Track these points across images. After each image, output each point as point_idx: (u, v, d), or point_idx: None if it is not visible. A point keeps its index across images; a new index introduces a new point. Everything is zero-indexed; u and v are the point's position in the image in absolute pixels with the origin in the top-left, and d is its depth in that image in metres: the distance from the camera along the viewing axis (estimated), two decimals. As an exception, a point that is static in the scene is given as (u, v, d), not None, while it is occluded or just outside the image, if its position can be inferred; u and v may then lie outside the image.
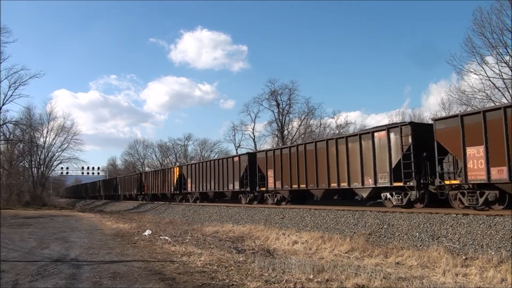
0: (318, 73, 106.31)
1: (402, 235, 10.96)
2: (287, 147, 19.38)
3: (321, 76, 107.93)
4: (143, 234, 14.86)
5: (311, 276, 7.08)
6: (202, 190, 26.50)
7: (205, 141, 68.81)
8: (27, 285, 6.79)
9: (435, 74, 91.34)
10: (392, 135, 13.46)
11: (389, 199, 13.90)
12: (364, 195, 14.76)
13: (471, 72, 26.77)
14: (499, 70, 25.32)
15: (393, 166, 13.25)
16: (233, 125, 55.16)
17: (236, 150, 53.30)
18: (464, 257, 8.60)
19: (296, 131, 48.38)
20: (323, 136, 41.43)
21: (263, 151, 21.39)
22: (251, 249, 11.24)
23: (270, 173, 19.59)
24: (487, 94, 26.02)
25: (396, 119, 44.98)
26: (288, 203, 18.73)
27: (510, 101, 24.28)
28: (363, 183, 14.33)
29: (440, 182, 12.16)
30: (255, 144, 51.35)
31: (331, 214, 14.18)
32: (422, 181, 12.75)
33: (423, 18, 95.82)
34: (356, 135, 15.12)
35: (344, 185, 15.16)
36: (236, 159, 23.08)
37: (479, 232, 9.42)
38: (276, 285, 6.61)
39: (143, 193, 37.93)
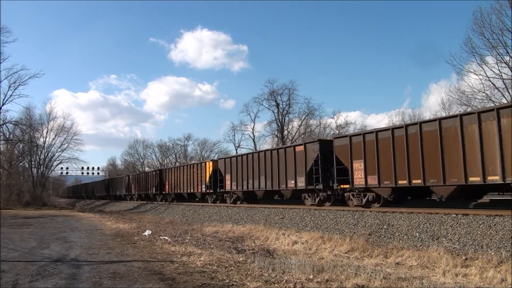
0: (318, 73, 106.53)
1: (402, 235, 10.96)
2: (388, 129, 14.00)
3: (321, 76, 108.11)
4: (143, 234, 14.86)
5: (311, 276, 7.09)
6: (247, 188, 21.62)
7: (205, 141, 68.93)
8: (27, 285, 6.79)
9: (435, 74, 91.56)
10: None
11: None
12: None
13: (471, 72, 26.80)
14: (499, 70, 25.37)
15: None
16: (232, 125, 55.23)
17: (236, 150, 53.35)
18: (464, 257, 8.60)
19: (296, 131, 48.42)
20: (323, 136, 41.45)
21: (345, 136, 15.96)
22: (251, 249, 11.24)
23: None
24: (487, 94, 26.07)
25: (396, 119, 45.09)
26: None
27: (510, 101, 24.29)
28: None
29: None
30: (254, 144, 51.43)
31: (331, 214, 14.18)
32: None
33: (423, 18, 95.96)
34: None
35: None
36: (300, 148, 18.11)
37: (479, 232, 9.42)
38: (276, 285, 6.61)
39: (163, 192, 32.95)
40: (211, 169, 25.44)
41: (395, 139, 13.09)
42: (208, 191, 26.86)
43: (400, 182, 12.89)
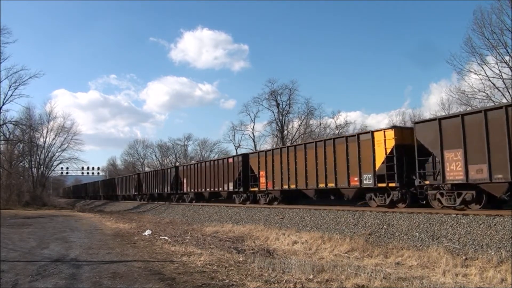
0: (318, 73, 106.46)
1: (402, 235, 10.96)
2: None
3: (321, 76, 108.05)
4: (143, 234, 14.86)
5: (311, 276, 7.08)
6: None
7: (205, 141, 68.82)
8: (27, 285, 6.78)
9: (435, 73, 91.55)
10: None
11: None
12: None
13: (471, 72, 26.76)
14: (499, 70, 25.33)
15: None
16: (232, 125, 55.14)
17: (236, 150, 53.30)
18: (464, 257, 8.60)
19: (296, 131, 48.39)
20: (323, 136, 41.47)
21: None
22: (251, 249, 11.24)
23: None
24: (487, 94, 26.03)
25: (396, 119, 45.02)
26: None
27: (510, 101, 24.29)
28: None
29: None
30: (254, 144, 51.37)
31: (331, 214, 14.18)
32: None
33: (423, 18, 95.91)
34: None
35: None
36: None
37: (479, 232, 9.42)
38: (276, 285, 6.61)
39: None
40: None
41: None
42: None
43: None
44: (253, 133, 51.78)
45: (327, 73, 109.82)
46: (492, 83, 25.70)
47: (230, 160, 23.56)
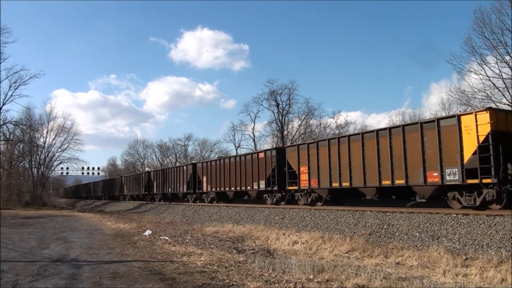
0: (318, 73, 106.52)
1: (402, 235, 10.96)
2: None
3: (321, 76, 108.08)
4: (143, 234, 14.85)
5: (311, 276, 7.08)
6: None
7: (205, 141, 68.81)
8: (27, 285, 6.79)
9: (435, 73, 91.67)
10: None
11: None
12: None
13: (471, 72, 26.73)
14: (499, 70, 25.30)
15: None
16: (232, 125, 55.11)
17: (236, 150, 53.29)
18: (464, 257, 8.60)
19: (296, 131, 48.39)
20: (323, 136, 41.46)
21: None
22: (251, 249, 11.24)
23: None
24: (487, 94, 26.02)
25: (397, 119, 44.99)
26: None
27: (510, 101, 24.30)
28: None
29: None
30: (255, 144, 51.36)
31: (331, 214, 14.18)
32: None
33: (423, 18, 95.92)
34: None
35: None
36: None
37: (479, 232, 9.42)
38: (276, 285, 6.61)
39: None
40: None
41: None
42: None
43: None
44: (253, 133, 51.80)
45: (327, 73, 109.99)
46: (492, 83, 25.69)
47: (261, 155, 20.61)
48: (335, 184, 15.66)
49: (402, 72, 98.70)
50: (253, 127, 51.70)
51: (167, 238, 13.31)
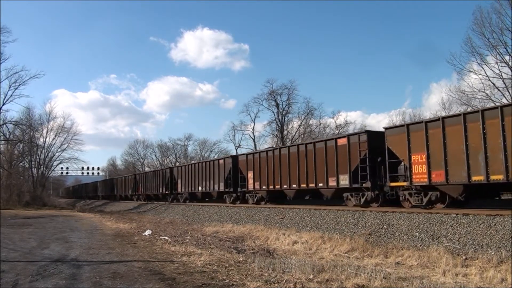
0: (318, 73, 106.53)
1: (402, 235, 10.96)
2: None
3: (321, 76, 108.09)
4: (143, 234, 14.86)
5: (311, 276, 7.09)
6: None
7: (205, 141, 68.87)
8: (27, 285, 6.79)
9: (436, 73, 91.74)
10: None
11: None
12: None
13: (471, 72, 26.71)
14: (499, 70, 25.34)
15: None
16: (233, 125, 55.13)
17: (236, 150, 53.33)
18: (464, 257, 8.61)
19: (296, 131, 48.41)
20: (323, 136, 41.46)
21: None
22: (251, 249, 11.24)
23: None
24: (487, 94, 26.05)
25: (397, 119, 45.00)
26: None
27: (510, 101, 24.26)
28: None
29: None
30: (255, 144, 51.38)
31: (331, 214, 14.18)
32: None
33: (423, 18, 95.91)
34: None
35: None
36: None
37: (479, 232, 9.43)
38: (276, 285, 6.62)
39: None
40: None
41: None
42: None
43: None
44: (253, 133, 51.83)
45: (327, 73, 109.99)
46: (492, 83, 25.72)
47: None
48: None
49: (402, 72, 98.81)
50: (253, 127, 51.76)
51: (167, 238, 13.31)
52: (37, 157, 49.87)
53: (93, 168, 74.55)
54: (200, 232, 15.56)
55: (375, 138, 14.33)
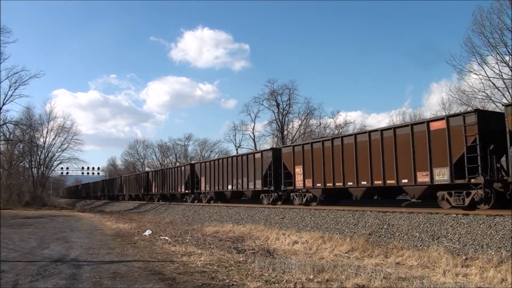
0: (318, 73, 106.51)
1: (402, 235, 10.96)
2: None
3: (321, 76, 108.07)
4: (143, 234, 14.86)
5: (311, 276, 7.09)
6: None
7: (205, 141, 68.84)
8: (27, 285, 6.79)
9: (436, 73, 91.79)
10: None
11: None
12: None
13: (471, 72, 26.70)
14: (499, 70, 25.32)
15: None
16: (233, 125, 55.12)
17: (236, 150, 53.32)
18: (464, 257, 8.60)
19: (296, 131, 48.41)
20: (323, 136, 41.44)
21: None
22: (251, 249, 11.24)
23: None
24: (487, 94, 26.04)
25: (397, 119, 44.96)
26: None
27: (510, 101, 24.26)
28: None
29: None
30: (255, 144, 51.38)
31: (331, 214, 14.17)
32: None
33: (423, 18, 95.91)
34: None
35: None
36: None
37: (479, 232, 9.42)
38: (276, 285, 6.61)
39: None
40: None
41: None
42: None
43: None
44: (253, 133, 51.82)
45: (327, 73, 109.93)
46: (492, 83, 25.71)
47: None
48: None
49: (402, 72, 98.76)
50: (253, 127, 51.75)
51: (167, 238, 13.32)
52: (37, 157, 49.92)
53: (93, 168, 74.55)
54: (200, 232, 15.56)
55: (486, 120, 11.32)
